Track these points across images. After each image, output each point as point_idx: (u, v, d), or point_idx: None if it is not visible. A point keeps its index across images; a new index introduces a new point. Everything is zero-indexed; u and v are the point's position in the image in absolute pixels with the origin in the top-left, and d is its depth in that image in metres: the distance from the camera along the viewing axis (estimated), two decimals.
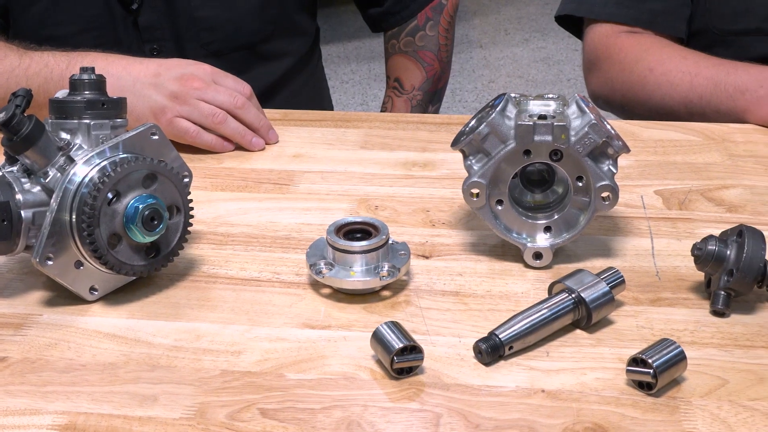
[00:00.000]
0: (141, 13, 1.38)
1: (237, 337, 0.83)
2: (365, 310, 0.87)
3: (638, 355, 0.76)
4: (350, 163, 1.15)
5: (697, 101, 1.28)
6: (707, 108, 1.27)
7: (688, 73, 1.29)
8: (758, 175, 1.11)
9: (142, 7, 1.37)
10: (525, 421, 0.73)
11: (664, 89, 1.32)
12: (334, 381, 0.77)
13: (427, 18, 1.53)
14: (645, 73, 1.34)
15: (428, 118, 1.31)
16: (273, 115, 1.26)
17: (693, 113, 1.29)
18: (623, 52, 1.37)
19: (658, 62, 1.32)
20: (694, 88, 1.28)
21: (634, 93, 1.36)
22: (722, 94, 1.25)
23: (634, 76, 1.35)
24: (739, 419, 0.72)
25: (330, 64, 3.90)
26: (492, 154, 0.91)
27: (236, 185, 1.10)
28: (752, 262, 0.83)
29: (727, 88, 1.25)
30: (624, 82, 1.37)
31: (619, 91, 1.39)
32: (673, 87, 1.31)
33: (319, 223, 1.00)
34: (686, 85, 1.29)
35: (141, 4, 1.37)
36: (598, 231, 0.99)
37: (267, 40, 1.46)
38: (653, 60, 1.33)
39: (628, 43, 1.37)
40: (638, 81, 1.35)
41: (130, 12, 1.38)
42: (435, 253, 0.96)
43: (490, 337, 0.79)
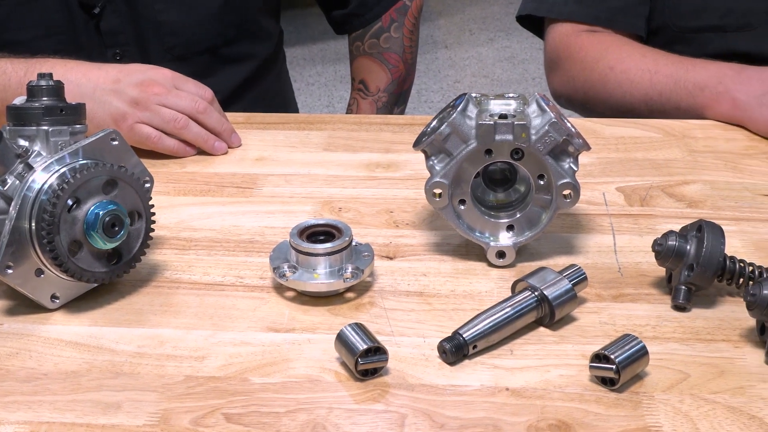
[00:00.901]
0: (103, 18, 1.37)
1: (201, 342, 0.82)
2: (329, 312, 0.87)
3: (601, 352, 0.76)
4: (313, 165, 1.15)
5: (658, 98, 1.29)
6: (667, 105, 1.28)
7: (647, 70, 1.31)
8: (718, 171, 1.12)
9: (104, 12, 1.36)
10: (490, 419, 0.73)
11: (624, 87, 1.33)
12: (299, 384, 0.77)
13: (392, 20, 1.53)
14: (605, 71, 1.35)
15: (391, 119, 1.31)
16: (236, 119, 1.26)
17: (653, 110, 1.30)
18: (584, 51, 1.38)
19: (618, 60, 1.34)
20: (654, 85, 1.29)
21: (595, 91, 1.37)
22: (682, 91, 1.27)
23: (595, 75, 1.36)
24: (700, 412, 0.73)
25: (295, 66, 3.90)
26: (454, 154, 0.91)
27: (199, 190, 1.09)
28: (712, 257, 0.84)
29: (686, 85, 1.26)
30: (585, 81, 1.38)
31: (580, 90, 1.40)
32: (633, 85, 1.32)
33: (283, 226, 1.00)
34: (646, 83, 1.30)
35: (103, 9, 1.36)
36: (560, 229, 1.00)
37: (230, 44, 1.46)
38: (613, 58, 1.34)
39: (589, 42, 1.38)
40: (599, 79, 1.36)
41: (92, 16, 1.36)
42: (399, 254, 0.96)
43: (454, 337, 0.80)
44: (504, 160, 0.91)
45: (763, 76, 1.20)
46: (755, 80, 1.20)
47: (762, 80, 1.19)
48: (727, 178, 1.10)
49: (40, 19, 1.36)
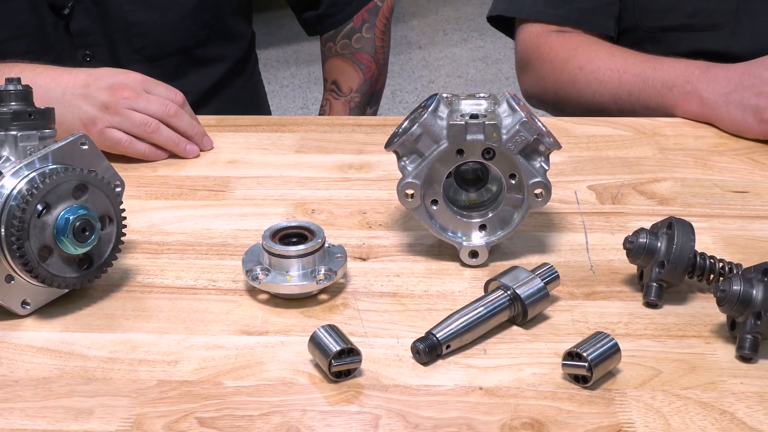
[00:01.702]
0: (73, 18, 1.36)
1: (173, 347, 0.82)
2: (303, 314, 0.86)
3: (573, 349, 0.76)
4: (286, 167, 1.14)
5: (627, 98, 1.30)
6: (636, 104, 1.29)
7: (616, 70, 1.31)
8: (688, 168, 1.13)
9: (73, 12, 1.35)
10: (463, 419, 0.73)
11: (593, 87, 1.33)
12: (273, 387, 0.77)
13: (363, 20, 1.53)
14: (575, 71, 1.35)
15: (364, 120, 1.31)
16: (208, 122, 1.25)
17: (623, 110, 1.31)
18: (553, 51, 1.38)
19: (587, 60, 1.34)
20: (623, 84, 1.30)
21: (565, 91, 1.38)
22: (650, 90, 1.27)
23: (565, 75, 1.37)
24: (672, 408, 0.74)
25: (269, 69, 3.89)
26: (425, 155, 0.91)
27: (171, 193, 1.09)
28: (682, 254, 0.85)
29: (654, 84, 1.27)
30: (555, 81, 1.39)
31: (551, 90, 1.41)
32: (602, 84, 1.32)
33: (256, 229, 1.00)
34: (615, 82, 1.31)
35: (72, 9, 1.35)
36: (533, 228, 1.00)
37: (202, 45, 1.45)
38: (582, 58, 1.35)
39: (558, 42, 1.39)
40: (568, 79, 1.36)
41: (61, 17, 1.36)
42: (372, 255, 0.96)
43: (428, 337, 0.80)
44: (475, 159, 0.91)
45: (729, 74, 1.20)
46: (722, 79, 1.21)
47: (728, 78, 1.20)
48: (697, 175, 1.11)
49: (9, 21, 1.35)
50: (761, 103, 1.16)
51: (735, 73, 1.20)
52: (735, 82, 1.19)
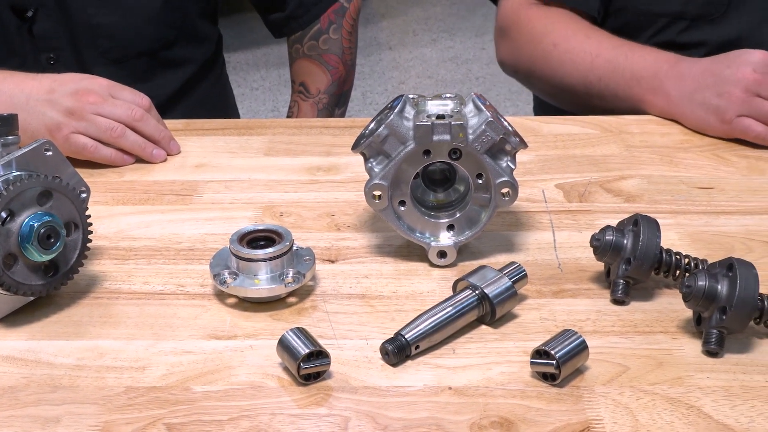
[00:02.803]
0: (36, 22, 1.35)
1: (141, 353, 0.81)
2: (271, 317, 0.86)
3: (541, 347, 0.77)
4: (254, 170, 1.14)
5: (597, 83, 1.29)
6: (606, 91, 1.28)
7: (589, 53, 1.30)
8: (654, 165, 1.13)
9: (36, 16, 1.34)
10: (433, 419, 0.73)
11: (566, 66, 1.33)
12: (241, 391, 0.77)
13: (330, 21, 1.53)
14: (549, 48, 1.34)
15: (332, 122, 1.31)
16: (175, 125, 1.25)
17: (592, 95, 1.30)
18: (531, 23, 1.37)
19: (563, 38, 1.33)
20: (594, 69, 1.29)
21: (538, 66, 1.37)
22: (620, 80, 1.27)
23: (539, 50, 1.36)
24: (640, 404, 0.74)
25: (239, 72, 3.88)
26: (392, 156, 0.91)
27: (138, 198, 1.08)
28: (648, 250, 0.85)
29: (624, 73, 1.26)
30: (530, 55, 1.38)
31: (524, 62, 1.40)
32: (574, 65, 1.31)
33: (224, 233, 0.99)
34: (587, 66, 1.30)
35: (36, 12, 1.34)
36: (501, 227, 1.00)
37: (168, 47, 1.44)
38: (558, 35, 1.34)
39: (537, 15, 1.37)
40: (542, 55, 1.35)
41: (24, 20, 1.34)
42: (341, 257, 0.96)
43: (396, 338, 0.80)
44: (442, 160, 0.91)
45: (694, 71, 1.20)
46: (687, 77, 1.21)
47: (693, 77, 1.20)
48: (663, 172, 1.12)
49: None
50: (722, 103, 1.16)
51: (699, 71, 1.20)
52: (699, 81, 1.19)
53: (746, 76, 1.15)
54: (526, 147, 0.92)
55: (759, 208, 1.03)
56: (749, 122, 1.15)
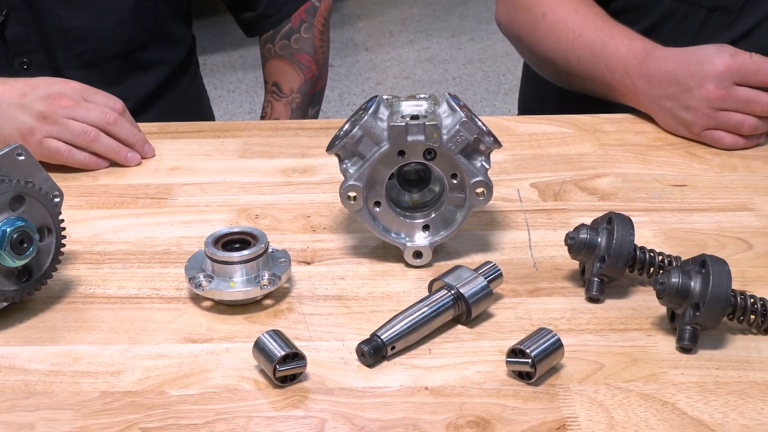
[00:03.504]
0: (7, 26, 1.34)
1: (116, 357, 0.81)
2: (247, 320, 0.86)
3: (516, 346, 0.77)
4: (229, 173, 1.14)
5: (576, 65, 1.28)
6: (584, 75, 1.27)
7: (572, 31, 1.28)
8: (628, 163, 1.14)
9: (8, 20, 1.33)
10: (409, 419, 0.73)
11: (550, 39, 1.31)
12: (217, 394, 0.76)
13: (302, 20, 1.53)
14: (538, 17, 1.33)
15: (307, 123, 1.31)
16: (149, 128, 1.24)
17: (572, 74, 1.29)
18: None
19: (551, 10, 1.31)
20: (575, 49, 1.28)
21: (526, 33, 1.36)
22: (595, 67, 1.25)
23: (530, 17, 1.34)
24: (615, 401, 0.75)
25: (215, 74, 3.87)
26: (367, 157, 0.91)
27: (113, 202, 1.08)
28: (622, 248, 0.86)
29: (599, 61, 1.25)
30: (522, 20, 1.36)
31: (516, 26, 1.38)
32: (557, 40, 1.30)
33: (199, 236, 0.99)
34: (569, 44, 1.28)
35: (7, 17, 1.33)
36: (476, 227, 1.01)
37: (142, 49, 1.44)
38: (548, 6, 1.32)
39: None
40: (531, 23, 1.34)
41: None
42: (317, 259, 0.96)
43: (372, 339, 0.80)
44: (417, 160, 0.91)
45: (661, 72, 1.18)
46: (654, 79, 1.19)
47: (660, 80, 1.18)
48: (637, 170, 1.12)
49: None
50: (689, 118, 1.16)
51: (665, 74, 1.17)
52: (664, 88, 1.17)
53: (709, 93, 1.13)
54: (501, 146, 0.93)
55: (731, 205, 1.04)
56: (718, 134, 1.15)
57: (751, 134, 1.16)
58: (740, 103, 1.14)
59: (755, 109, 1.14)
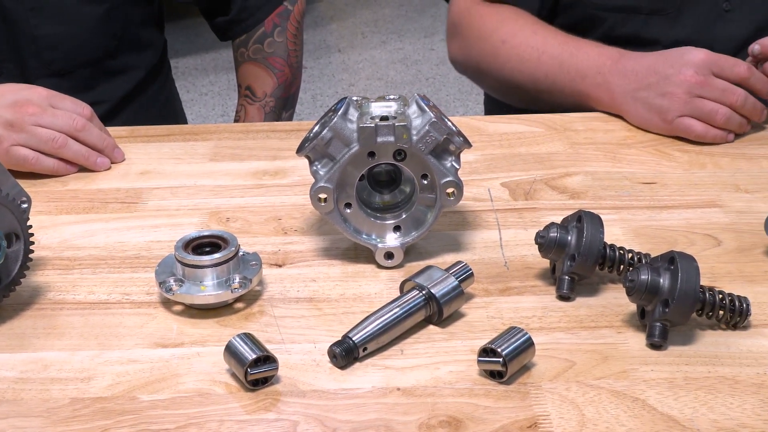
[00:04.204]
0: None
1: (86, 363, 0.80)
2: (219, 324, 0.86)
3: (488, 346, 0.77)
4: (200, 176, 1.13)
5: (543, 79, 1.30)
6: (553, 88, 1.30)
7: (536, 49, 1.31)
8: (598, 161, 1.15)
9: None
10: (381, 420, 0.73)
11: (513, 63, 1.33)
12: (189, 398, 0.76)
13: (275, 24, 1.53)
14: (498, 44, 1.35)
15: (278, 125, 1.30)
16: (119, 133, 1.24)
17: (540, 90, 1.31)
18: (481, 20, 1.38)
19: (510, 35, 1.34)
20: (541, 65, 1.30)
21: (487, 63, 1.38)
22: (565, 77, 1.28)
23: (488, 47, 1.36)
24: (586, 398, 0.75)
25: (188, 77, 3.85)
26: (337, 158, 0.91)
27: (82, 207, 1.07)
28: (591, 246, 0.86)
29: (569, 70, 1.28)
30: (479, 52, 1.38)
31: (474, 59, 1.40)
32: (522, 62, 1.32)
33: (169, 240, 0.98)
34: (534, 62, 1.31)
35: None
36: (447, 227, 1.01)
37: (112, 56, 1.43)
38: (507, 32, 1.34)
39: (487, 12, 1.38)
40: (491, 52, 1.36)
41: None
42: (288, 261, 0.95)
43: (344, 341, 0.80)
44: (387, 161, 0.91)
45: (638, 68, 1.21)
46: (630, 73, 1.22)
47: (636, 74, 1.21)
48: (607, 168, 1.13)
49: None
50: (664, 104, 1.18)
51: (642, 69, 1.21)
52: (642, 80, 1.20)
53: (688, 78, 1.16)
54: (470, 147, 0.93)
55: (700, 202, 1.04)
56: (690, 122, 1.17)
57: (723, 126, 1.17)
58: (717, 91, 1.16)
59: (730, 98, 1.16)
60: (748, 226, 0.99)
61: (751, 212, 1.02)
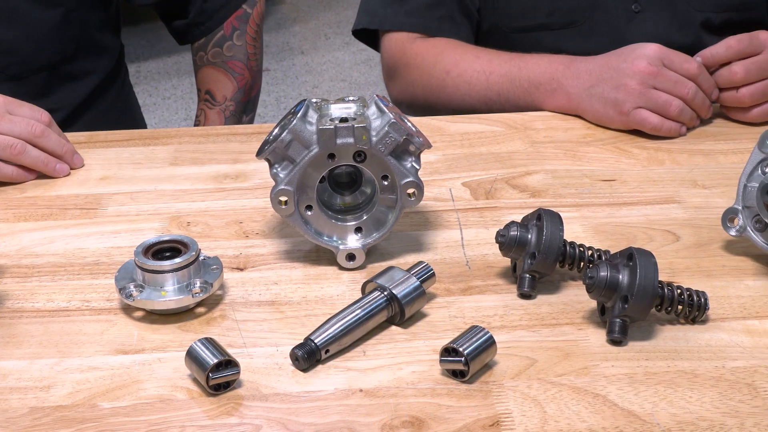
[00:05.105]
0: None
1: (46, 372, 0.80)
2: (180, 329, 0.85)
3: (449, 345, 0.78)
4: (160, 181, 1.13)
5: (496, 98, 1.32)
6: (506, 104, 1.32)
7: (483, 72, 1.33)
8: (558, 160, 1.15)
9: None
10: (344, 422, 0.73)
11: (462, 90, 1.35)
12: (150, 405, 0.75)
13: (234, 27, 1.52)
14: (443, 75, 1.37)
15: (239, 129, 1.30)
16: (78, 138, 1.23)
17: (493, 110, 1.33)
18: (420, 56, 1.40)
19: (453, 64, 1.36)
20: (491, 86, 1.32)
21: (435, 96, 1.39)
22: (518, 90, 1.30)
23: (433, 80, 1.38)
24: (548, 395, 0.75)
25: (150, 81, 3.83)
26: (297, 161, 0.91)
27: (41, 214, 1.06)
28: (551, 244, 0.87)
29: (521, 83, 1.30)
30: (425, 87, 1.40)
31: (420, 96, 1.42)
32: (470, 87, 1.34)
33: (130, 246, 0.98)
34: (483, 84, 1.33)
35: None
36: (409, 227, 1.01)
37: (69, 61, 1.42)
38: (449, 62, 1.37)
39: (424, 47, 1.40)
40: (437, 84, 1.38)
41: None
42: (249, 265, 0.95)
43: (306, 343, 0.80)
44: (347, 163, 0.91)
45: (590, 67, 1.23)
46: (583, 73, 1.24)
47: (589, 72, 1.23)
48: (567, 167, 1.14)
49: None
50: (619, 96, 1.19)
51: (595, 66, 1.23)
52: (596, 76, 1.22)
53: (642, 69, 1.18)
54: (430, 147, 0.93)
55: (659, 198, 1.05)
56: (646, 114, 1.18)
57: (677, 118, 1.18)
58: (669, 83, 1.18)
59: (682, 90, 1.18)
60: (705, 221, 1.00)
61: (708, 207, 1.03)
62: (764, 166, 0.91)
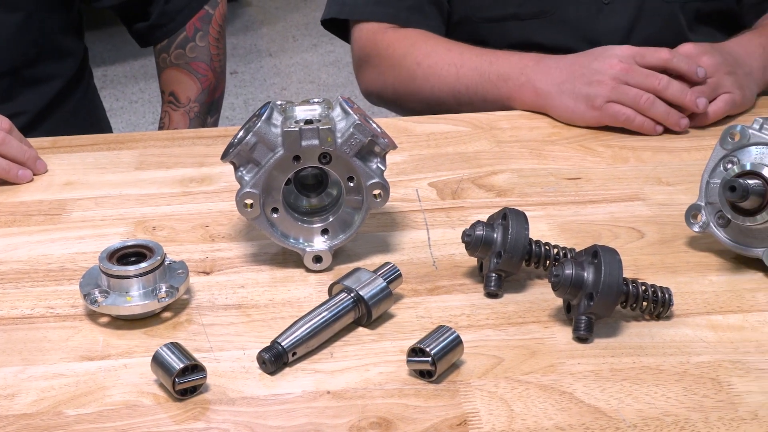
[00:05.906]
0: None
1: (10, 380, 0.79)
2: (146, 334, 0.85)
3: (416, 345, 0.78)
4: (125, 185, 1.12)
5: (465, 91, 1.33)
6: (474, 97, 1.32)
7: (453, 64, 1.34)
8: (524, 159, 1.16)
9: None
10: (312, 424, 0.73)
11: (432, 81, 1.35)
12: (116, 411, 0.75)
13: (196, 29, 1.51)
14: (413, 67, 1.37)
15: (204, 132, 1.29)
16: (41, 143, 1.21)
17: (462, 103, 1.33)
18: (391, 47, 1.40)
19: (424, 55, 1.36)
20: (461, 78, 1.33)
21: (404, 87, 1.39)
22: (487, 84, 1.31)
23: (404, 71, 1.38)
24: (515, 394, 0.76)
25: (117, 85, 3.80)
26: (262, 164, 0.91)
27: (3, 221, 1.05)
28: (517, 243, 0.87)
29: (491, 77, 1.30)
30: (395, 77, 1.40)
31: (390, 86, 1.42)
32: (440, 79, 1.35)
33: (94, 251, 0.97)
34: (453, 77, 1.33)
35: None
36: (376, 228, 1.01)
37: (31, 65, 1.41)
38: (420, 54, 1.37)
39: (395, 37, 1.40)
40: (407, 75, 1.38)
41: None
42: (216, 268, 0.95)
43: (273, 346, 0.79)
44: (313, 165, 0.91)
45: (561, 65, 1.25)
46: (554, 69, 1.25)
47: (560, 69, 1.24)
48: (532, 165, 1.14)
49: None
50: (592, 91, 1.20)
51: (566, 64, 1.24)
52: (567, 73, 1.24)
53: (614, 66, 1.20)
54: (396, 148, 0.93)
55: (623, 196, 1.06)
56: (617, 107, 1.19)
57: (647, 112, 1.19)
58: (640, 76, 1.20)
59: (653, 82, 1.20)
60: (669, 218, 1.01)
61: (672, 204, 1.04)
62: (726, 162, 0.92)
